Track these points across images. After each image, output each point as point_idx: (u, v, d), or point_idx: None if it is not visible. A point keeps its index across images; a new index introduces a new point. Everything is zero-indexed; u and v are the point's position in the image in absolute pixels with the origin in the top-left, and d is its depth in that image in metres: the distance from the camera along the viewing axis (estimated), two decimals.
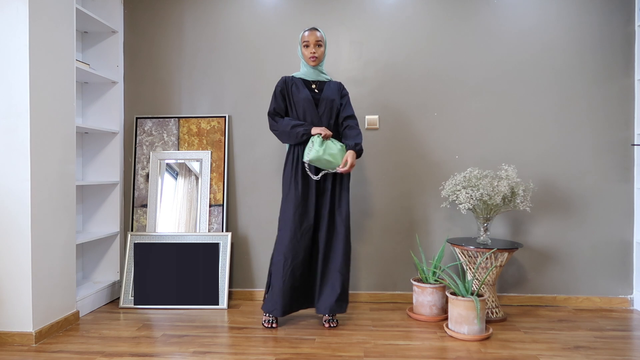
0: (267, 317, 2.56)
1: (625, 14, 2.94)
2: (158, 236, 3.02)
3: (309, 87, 2.56)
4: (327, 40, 2.58)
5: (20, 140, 2.27)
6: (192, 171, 3.14)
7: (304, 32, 2.52)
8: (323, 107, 2.53)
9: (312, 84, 2.57)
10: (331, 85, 2.61)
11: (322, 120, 2.53)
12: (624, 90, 2.95)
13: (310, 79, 2.58)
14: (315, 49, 2.49)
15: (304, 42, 2.51)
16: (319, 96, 2.55)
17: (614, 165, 2.95)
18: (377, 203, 3.07)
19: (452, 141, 3.03)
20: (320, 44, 2.51)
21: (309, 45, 2.49)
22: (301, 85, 2.55)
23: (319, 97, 2.54)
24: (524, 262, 3.00)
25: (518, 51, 3.00)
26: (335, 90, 2.59)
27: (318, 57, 2.51)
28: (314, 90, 2.56)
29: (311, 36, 2.49)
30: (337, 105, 2.58)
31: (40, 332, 2.32)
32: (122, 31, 3.17)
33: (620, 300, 2.95)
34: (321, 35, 2.52)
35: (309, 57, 2.51)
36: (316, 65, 2.54)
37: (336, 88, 2.61)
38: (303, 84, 2.56)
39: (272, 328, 2.52)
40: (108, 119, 3.10)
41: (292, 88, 2.55)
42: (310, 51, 2.50)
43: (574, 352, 2.21)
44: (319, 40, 2.50)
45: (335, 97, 2.57)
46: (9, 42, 2.26)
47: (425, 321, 2.65)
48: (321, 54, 2.53)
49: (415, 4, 3.05)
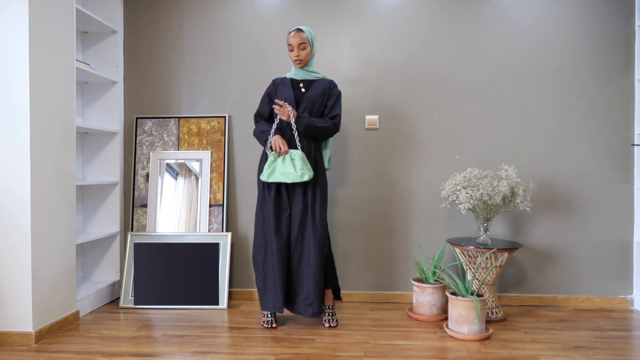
0: (265, 317, 2.56)
1: (625, 14, 2.94)
2: (158, 236, 3.02)
3: (297, 86, 2.56)
4: (314, 38, 2.53)
5: (20, 140, 2.27)
6: (192, 171, 3.14)
7: (288, 35, 2.50)
8: (303, 107, 2.50)
9: (300, 83, 2.57)
10: (319, 84, 2.57)
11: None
12: (624, 90, 2.95)
13: (299, 79, 2.57)
14: (299, 52, 2.47)
15: (288, 45, 2.50)
16: (302, 95, 2.53)
17: (614, 165, 2.95)
18: (377, 203, 3.07)
19: (452, 141, 3.03)
20: (304, 46, 2.47)
21: (292, 48, 2.48)
22: (287, 86, 2.55)
23: (302, 97, 2.52)
24: (524, 262, 3.00)
25: (518, 51, 3.00)
26: (321, 89, 2.55)
27: (302, 59, 2.49)
28: (301, 90, 2.55)
29: (294, 39, 2.46)
30: (319, 105, 2.53)
31: (40, 332, 2.32)
32: (122, 31, 3.17)
33: (620, 300, 2.95)
34: (306, 36, 2.48)
35: (293, 60, 2.52)
36: (302, 67, 2.53)
37: (323, 87, 2.56)
38: (290, 84, 2.56)
39: (272, 328, 2.53)
40: (108, 119, 3.10)
41: (278, 88, 2.58)
42: (294, 55, 2.48)
43: (574, 352, 2.21)
44: (302, 42, 2.46)
45: (317, 97, 2.53)
46: (9, 42, 2.26)
47: (425, 321, 2.65)
48: (306, 56, 2.50)
49: (415, 4, 3.05)
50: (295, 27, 2.52)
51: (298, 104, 2.51)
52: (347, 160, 3.08)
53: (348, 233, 3.07)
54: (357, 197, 3.07)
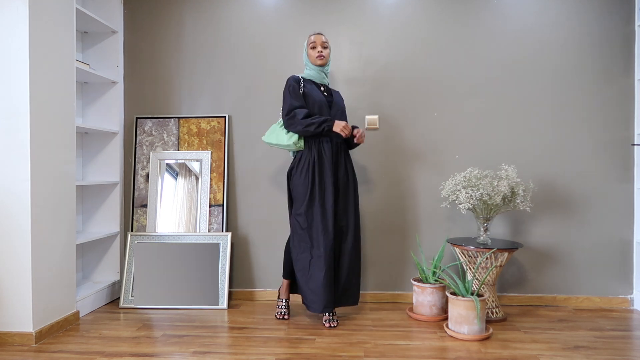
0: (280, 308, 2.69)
1: (625, 14, 2.94)
2: (158, 236, 3.02)
3: (319, 89, 2.64)
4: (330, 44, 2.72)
5: (20, 140, 2.27)
6: (192, 171, 3.14)
7: (311, 36, 2.65)
8: (334, 111, 2.64)
9: (321, 87, 2.66)
10: (336, 92, 2.76)
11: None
12: (624, 91, 2.95)
13: (318, 82, 2.66)
14: (322, 49, 2.61)
15: (311, 44, 2.62)
16: (330, 99, 2.65)
17: (614, 165, 2.95)
18: (377, 203, 3.07)
19: (452, 141, 3.03)
20: (326, 45, 2.63)
21: (316, 46, 2.61)
22: (315, 88, 2.63)
23: (331, 100, 2.65)
24: (524, 262, 3.00)
25: (518, 51, 3.00)
26: (341, 99, 2.74)
27: (325, 56, 2.62)
28: (323, 94, 2.64)
29: (318, 38, 2.62)
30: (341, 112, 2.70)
31: (40, 332, 2.32)
32: (122, 31, 3.17)
33: (620, 300, 2.95)
34: (327, 39, 2.66)
35: (315, 56, 2.61)
36: (323, 64, 2.63)
37: (340, 97, 2.76)
38: (313, 85, 2.64)
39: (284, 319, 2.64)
40: (108, 119, 3.10)
41: (307, 86, 2.61)
42: (317, 51, 2.61)
43: (574, 352, 2.21)
44: (325, 42, 2.63)
45: (342, 105, 2.72)
46: (9, 42, 2.26)
47: (425, 321, 2.65)
48: (327, 55, 2.64)
49: (415, 4, 3.05)
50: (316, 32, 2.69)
51: (329, 107, 2.63)
52: None
53: None
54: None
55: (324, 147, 2.56)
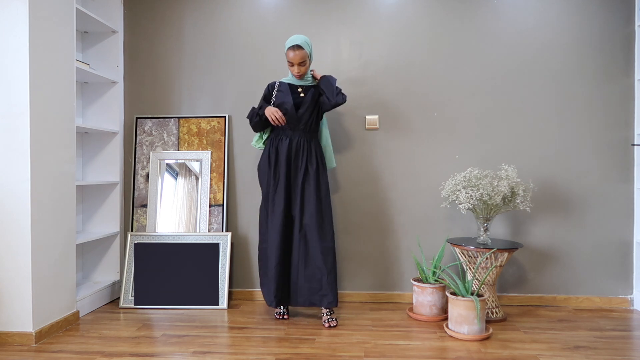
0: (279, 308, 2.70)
1: (625, 14, 2.94)
2: (158, 236, 3.02)
3: (295, 91, 2.66)
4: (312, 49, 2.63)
5: (20, 140, 2.27)
6: (192, 171, 3.14)
7: (288, 51, 2.55)
8: (304, 109, 2.63)
9: (299, 88, 2.68)
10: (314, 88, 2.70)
11: (301, 121, 2.62)
12: (624, 90, 2.95)
13: (297, 84, 2.68)
14: (299, 69, 2.59)
15: (288, 62, 2.59)
16: (300, 100, 2.65)
17: (614, 165, 2.95)
18: (377, 203, 3.07)
19: (452, 141, 3.03)
20: (303, 62, 2.57)
21: (293, 65, 2.59)
22: (286, 91, 2.65)
23: (301, 101, 2.65)
24: (524, 262, 3.00)
25: (518, 51, 3.00)
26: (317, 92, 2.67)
27: (303, 72, 2.62)
28: (300, 95, 2.66)
29: (295, 57, 2.54)
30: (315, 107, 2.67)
31: (40, 332, 2.32)
32: (122, 31, 3.17)
33: (620, 300, 2.95)
34: (305, 52, 2.54)
35: (294, 74, 2.63)
36: (301, 79, 2.66)
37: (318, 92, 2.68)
38: (289, 88, 2.66)
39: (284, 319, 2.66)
40: (108, 119, 3.10)
41: (282, 90, 2.66)
42: (295, 70, 2.60)
43: (574, 352, 2.21)
44: (302, 60, 2.56)
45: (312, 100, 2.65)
46: (9, 42, 2.26)
47: (425, 321, 2.65)
48: (305, 70, 2.62)
49: (415, 4, 3.05)
50: (294, 43, 2.53)
51: (298, 107, 2.62)
52: (347, 160, 3.07)
53: (348, 233, 3.07)
54: (357, 197, 3.07)
55: (280, 145, 2.63)
